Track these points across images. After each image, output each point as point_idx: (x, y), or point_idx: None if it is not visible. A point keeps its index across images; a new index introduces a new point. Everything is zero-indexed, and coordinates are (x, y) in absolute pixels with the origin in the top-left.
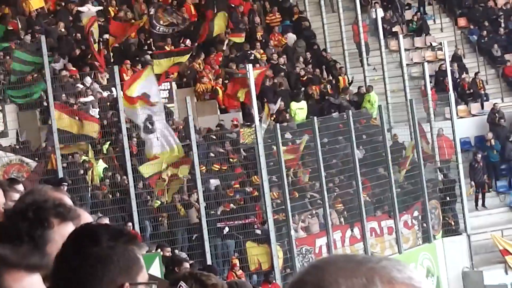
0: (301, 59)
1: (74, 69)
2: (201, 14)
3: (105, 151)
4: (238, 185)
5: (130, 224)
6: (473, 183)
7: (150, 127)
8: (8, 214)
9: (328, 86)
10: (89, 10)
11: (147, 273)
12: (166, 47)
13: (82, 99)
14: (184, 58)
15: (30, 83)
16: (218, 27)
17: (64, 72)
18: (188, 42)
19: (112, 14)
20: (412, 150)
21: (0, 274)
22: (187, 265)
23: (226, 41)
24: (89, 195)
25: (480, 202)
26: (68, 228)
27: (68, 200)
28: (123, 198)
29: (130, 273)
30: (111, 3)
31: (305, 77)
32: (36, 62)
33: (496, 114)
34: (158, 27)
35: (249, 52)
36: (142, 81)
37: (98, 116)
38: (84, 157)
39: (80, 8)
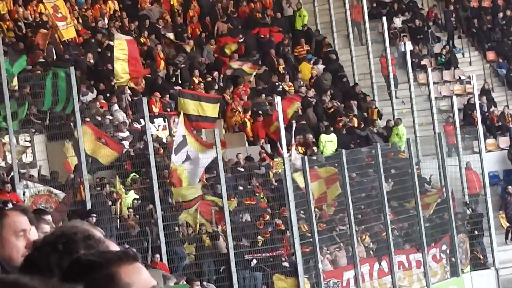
0: (329, 91)
1: (104, 101)
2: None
3: (129, 182)
4: (267, 217)
5: (157, 255)
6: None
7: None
8: (37, 246)
9: (356, 119)
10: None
11: None
12: (194, 78)
13: (120, 134)
14: (215, 111)
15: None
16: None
17: (95, 104)
18: (215, 74)
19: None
20: (439, 192)
21: None
22: None
23: (254, 73)
24: (117, 226)
25: (510, 235)
26: None
27: (97, 233)
28: (151, 229)
29: None
30: (140, 36)
31: (333, 110)
32: (64, 92)
33: None
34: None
35: (277, 83)
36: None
37: (127, 148)
38: (112, 188)
39: (110, 42)
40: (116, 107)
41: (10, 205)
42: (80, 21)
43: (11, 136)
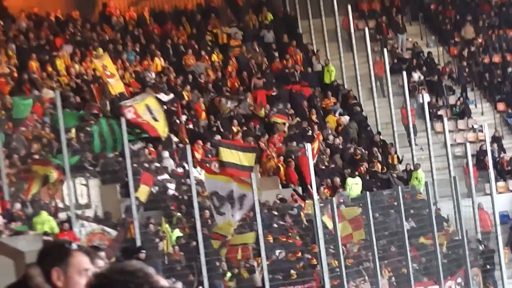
0: (354, 139)
1: (153, 149)
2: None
3: (174, 222)
4: (299, 253)
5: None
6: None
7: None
8: (94, 284)
9: (380, 164)
10: (164, 97)
11: None
12: (233, 127)
13: (159, 177)
14: (252, 161)
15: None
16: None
17: (144, 151)
18: (251, 124)
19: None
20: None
21: None
22: None
23: (287, 124)
24: (164, 261)
25: None
26: None
27: (151, 270)
28: (196, 264)
29: None
30: (183, 89)
31: (359, 156)
32: (117, 140)
33: None
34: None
35: (307, 129)
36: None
37: (173, 191)
38: (158, 227)
39: (157, 95)
40: (166, 154)
41: (75, 246)
42: (132, 75)
43: (68, 180)
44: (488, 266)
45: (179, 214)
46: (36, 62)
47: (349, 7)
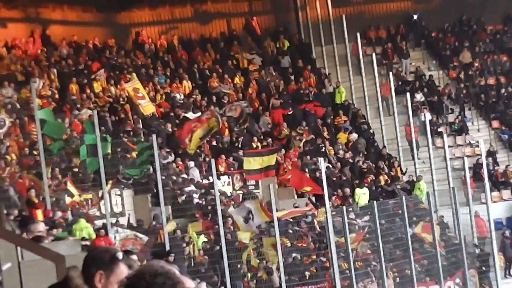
0: (362, 153)
1: (181, 163)
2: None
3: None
4: (314, 256)
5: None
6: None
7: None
8: (125, 284)
9: (386, 176)
10: (191, 115)
11: None
12: (253, 143)
13: (186, 189)
14: (273, 160)
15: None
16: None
17: (172, 165)
18: (269, 140)
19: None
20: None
21: None
22: None
23: (301, 143)
24: (191, 264)
25: (507, 271)
26: None
27: (177, 271)
28: (220, 266)
29: None
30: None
31: (366, 169)
32: (148, 154)
33: None
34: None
35: (321, 145)
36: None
37: (198, 200)
38: (186, 233)
39: (185, 114)
40: (192, 164)
41: (121, 257)
42: (162, 96)
43: (104, 191)
44: (484, 268)
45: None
46: (76, 85)
47: (358, 34)
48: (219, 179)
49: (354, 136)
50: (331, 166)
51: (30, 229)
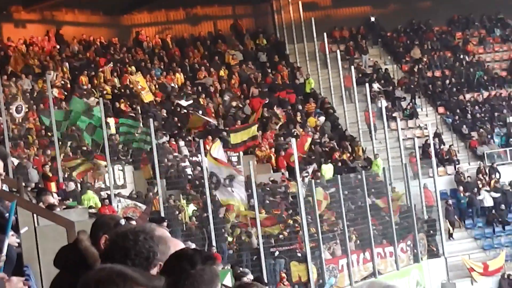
0: (328, 135)
1: (174, 143)
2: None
3: (190, 198)
4: (289, 221)
5: (213, 248)
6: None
7: (228, 182)
8: (113, 239)
9: (348, 154)
10: (184, 102)
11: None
12: (236, 126)
13: (181, 164)
14: (255, 131)
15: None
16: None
17: (166, 144)
18: (251, 120)
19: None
20: (400, 200)
21: None
22: (250, 276)
23: (279, 124)
24: (183, 228)
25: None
26: (163, 254)
27: (167, 233)
28: (206, 231)
29: (212, 286)
30: (199, 97)
31: (332, 148)
32: (146, 136)
33: (461, 174)
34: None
35: (292, 130)
36: (215, 149)
37: (190, 173)
38: (178, 203)
39: (178, 101)
40: (182, 143)
41: (123, 222)
42: (157, 87)
43: (109, 167)
44: (431, 232)
45: (194, 192)
46: (85, 76)
47: (325, 34)
48: (206, 156)
49: (322, 119)
50: None
51: (42, 200)
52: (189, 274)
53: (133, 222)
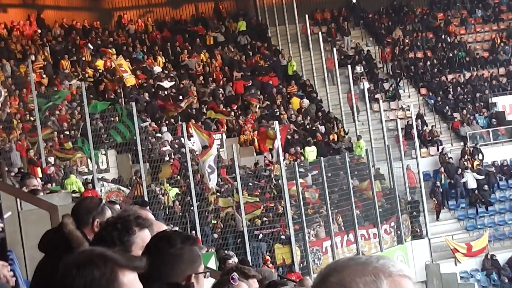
0: (311, 117)
1: (156, 126)
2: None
3: (173, 181)
4: (272, 204)
5: (193, 231)
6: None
7: (209, 170)
8: (103, 226)
9: (331, 136)
10: (166, 84)
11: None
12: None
13: (163, 148)
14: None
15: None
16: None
17: (149, 128)
18: (233, 106)
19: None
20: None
21: (115, 272)
22: (235, 259)
23: (258, 105)
24: (166, 212)
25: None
26: (146, 233)
27: (150, 216)
28: (189, 214)
29: (194, 266)
30: (181, 81)
31: (315, 130)
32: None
33: (445, 154)
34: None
35: (275, 110)
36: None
37: (173, 156)
38: (161, 186)
39: (159, 83)
40: (165, 128)
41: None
42: (140, 70)
43: (92, 152)
44: (414, 213)
45: (177, 175)
46: (66, 60)
47: (307, 16)
48: (189, 140)
49: (306, 102)
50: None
51: (26, 184)
52: (168, 253)
53: (117, 206)
